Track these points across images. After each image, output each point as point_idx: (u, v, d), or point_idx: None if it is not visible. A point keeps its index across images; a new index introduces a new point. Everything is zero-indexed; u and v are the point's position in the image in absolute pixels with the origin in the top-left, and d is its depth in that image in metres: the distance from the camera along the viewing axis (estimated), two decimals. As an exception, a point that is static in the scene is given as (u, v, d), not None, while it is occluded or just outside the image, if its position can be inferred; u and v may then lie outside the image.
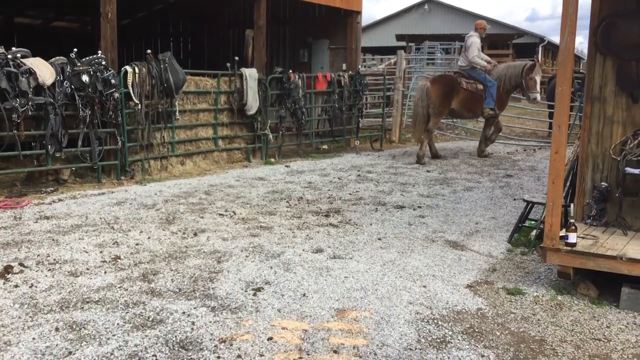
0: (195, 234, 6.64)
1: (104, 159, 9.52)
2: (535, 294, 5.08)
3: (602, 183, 5.97)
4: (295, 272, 5.44)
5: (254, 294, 4.89)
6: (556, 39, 31.40)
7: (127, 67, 9.55)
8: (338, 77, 13.73)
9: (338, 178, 10.41)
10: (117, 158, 9.65)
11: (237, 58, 11.68)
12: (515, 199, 8.81)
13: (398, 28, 36.44)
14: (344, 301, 4.80)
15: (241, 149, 12.06)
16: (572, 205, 6.27)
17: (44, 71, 8.35)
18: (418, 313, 4.60)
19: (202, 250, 6.07)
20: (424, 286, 5.18)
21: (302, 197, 8.73)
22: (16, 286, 4.94)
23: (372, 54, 30.67)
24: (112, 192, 8.75)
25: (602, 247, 5.13)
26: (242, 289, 5.00)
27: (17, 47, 8.59)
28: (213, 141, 11.42)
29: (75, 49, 9.00)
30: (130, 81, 9.49)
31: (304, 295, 4.90)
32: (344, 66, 14.76)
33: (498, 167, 11.90)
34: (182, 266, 5.55)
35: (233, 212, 7.68)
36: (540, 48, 35.97)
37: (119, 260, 5.69)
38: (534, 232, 6.56)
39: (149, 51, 10.05)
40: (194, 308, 4.59)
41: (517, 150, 14.56)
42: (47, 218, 7.16)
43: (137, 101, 9.59)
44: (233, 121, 11.73)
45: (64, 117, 8.66)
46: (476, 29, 12.76)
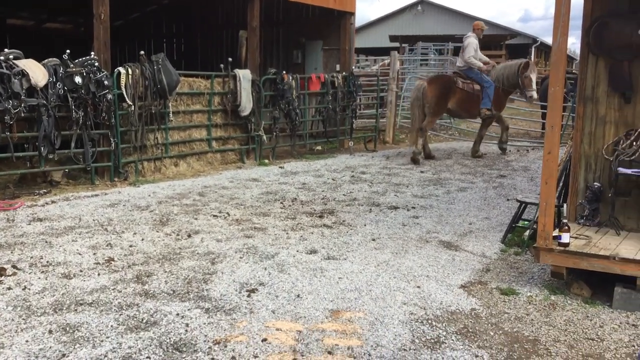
0: (189, 236, 6.63)
1: (97, 161, 9.49)
2: (528, 294, 5.10)
3: (595, 183, 6.00)
4: (289, 273, 5.44)
5: (248, 295, 4.89)
6: (549, 40, 31.55)
7: (120, 69, 9.53)
8: (332, 78, 13.74)
9: (332, 179, 10.41)
10: (111, 160, 9.62)
11: (231, 59, 11.67)
12: (508, 199, 8.84)
13: (391, 29, 36.49)
14: (338, 302, 4.80)
15: (235, 150, 12.05)
16: (565, 205, 6.29)
17: (37, 73, 8.32)
18: (412, 313, 4.61)
19: (196, 251, 6.06)
20: (418, 287, 5.19)
21: (296, 198, 8.73)
22: (9, 288, 4.92)
23: (366, 55, 30.69)
24: (106, 194, 8.72)
25: (595, 247, 5.15)
26: (236, 290, 5.00)
27: (10, 49, 8.57)
28: (207, 142, 11.40)
29: (68, 50, 8.97)
30: (123, 82, 9.47)
31: (298, 296, 4.90)
32: (338, 67, 14.76)
33: (491, 168, 11.93)
34: (176, 268, 5.54)
35: (227, 214, 7.67)
36: (533, 49, 36.08)
37: (113, 262, 5.67)
38: (528, 232, 6.58)
39: (142, 52, 10.04)
40: (188, 310, 4.58)
41: (511, 150, 14.60)
42: (40, 220, 7.13)
43: (130, 102, 9.57)
44: (227, 122, 11.72)
45: (57, 119, 8.63)
46: (474, 30, 12.83)
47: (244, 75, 11.63)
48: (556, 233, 5.15)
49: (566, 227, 5.10)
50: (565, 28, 4.90)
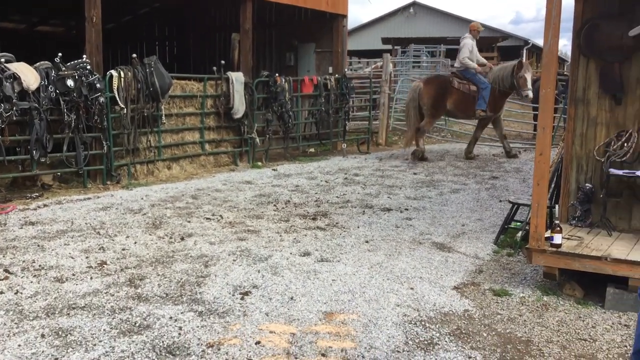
0: (182, 239, 6.62)
1: (90, 164, 9.46)
2: (521, 295, 5.12)
3: (587, 184, 6.03)
4: (282, 276, 5.44)
5: (242, 298, 4.88)
6: (540, 42, 31.63)
7: (113, 72, 9.51)
8: (324, 81, 13.75)
9: (325, 181, 10.42)
10: (103, 163, 9.59)
11: (224, 62, 11.66)
12: (501, 201, 8.86)
13: (384, 31, 36.53)
14: (332, 304, 4.80)
15: (228, 153, 12.03)
16: (557, 206, 6.31)
17: (29, 76, 8.29)
18: (405, 315, 4.61)
19: (189, 254, 6.05)
20: (412, 288, 5.20)
21: (290, 201, 8.73)
22: (1, 293, 4.90)
23: (359, 57, 30.70)
24: (98, 197, 8.69)
25: (587, 248, 5.17)
26: (230, 293, 4.99)
27: (1, 52, 8.53)
28: (200, 145, 11.38)
29: (60, 54, 8.95)
30: (115, 85, 9.44)
31: (292, 298, 4.90)
32: (331, 69, 14.79)
33: (484, 169, 11.97)
34: (169, 271, 5.53)
35: (220, 216, 7.66)
36: (524, 51, 36.23)
37: (105, 265, 5.65)
38: (520, 234, 6.60)
39: (135, 55, 10.02)
40: (181, 313, 4.57)
41: (503, 152, 14.63)
42: (33, 224, 7.10)
43: (123, 105, 9.55)
44: (220, 125, 11.70)
45: (49, 122, 8.61)
46: (470, 31, 12.92)
47: (237, 77, 11.62)
48: (548, 234, 5.17)
49: (558, 228, 5.13)
50: (556, 30, 4.93)
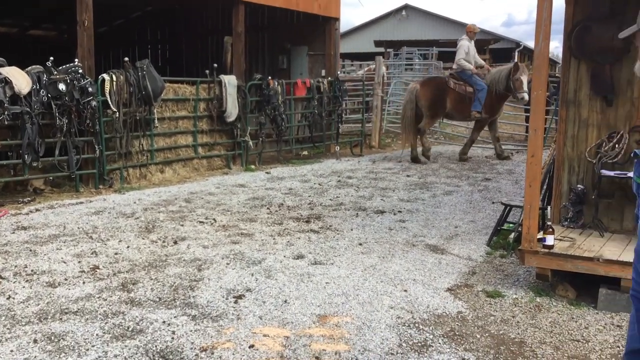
0: (175, 242, 6.60)
1: (82, 168, 9.43)
2: (514, 296, 5.13)
3: (579, 185, 6.05)
4: (276, 279, 5.43)
5: (235, 302, 4.87)
6: (532, 44, 31.75)
7: (105, 75, 9.48)
8: (317, 83, 13.77)
9: (318, 184, 10.42)
10: (95, 167, 9.56)
11: (216, 65, 11.65)
12: (493, 203, 8.89)
13: (376, 34, 36.60)
14: (326, 307, 4.80)
15: (221, 156, 12.02)
16: (549, 207, 6.34)
17: (20, 80, 8.26)
18: (399, 317, 4.62)
19: (183, 258, 6.03)
20: (405, 290, 5.20)
21: (283, 204, 8.72)
22: (-7, 298, 4.87)
23: (351, 60, 30.77)
24: (91, 201, 8.66)
25: (580, 249, 5.20)
26: (223, 297, 4.98)
27: (-7, 56, 8.50)
28: (193, 148, 11.36)
29: (51, 58, 8.92)
30: (107, 89, 9.42)
31: (286, 301, 4.89)
32: (323, 72, 14.80)
33: (477, 171, 12.00)
34: (162, 275, 5.51)
35: (213, 220, 7.65)
36: (516, 53, 36.37)
37: (98, 270, 5.63)
38: (513, 235, 6.61)
39: (127, 59, 10.00)
40: (175, 317, 4.55)
41: (494, 155, 14.66)
42: (25, 228, 7.06)
43: (115, 109, 9.52)
44: (213, 128, 11.69)
45: (41, 126, 8.57)
46: (467, 33, 12.99)
47: (230, 81, 11.62)
48: (541, 235, 5.19)
49: (550, 230, 5.15)
50: (547, 32, 4.95)
